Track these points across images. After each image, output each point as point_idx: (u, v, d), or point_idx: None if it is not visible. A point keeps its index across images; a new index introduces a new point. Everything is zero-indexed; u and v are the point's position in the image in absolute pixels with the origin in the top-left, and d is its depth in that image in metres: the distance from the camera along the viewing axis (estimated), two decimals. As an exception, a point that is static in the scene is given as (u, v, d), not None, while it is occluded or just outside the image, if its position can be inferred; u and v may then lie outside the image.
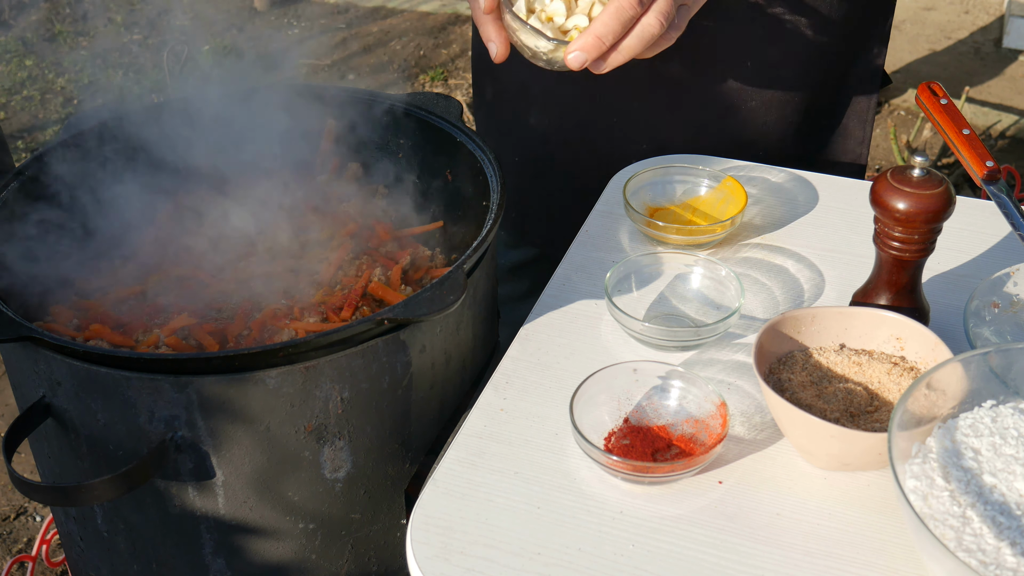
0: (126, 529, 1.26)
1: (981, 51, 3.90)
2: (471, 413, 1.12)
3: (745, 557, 0.96)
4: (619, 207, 1.42)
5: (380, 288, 1.34)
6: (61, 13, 4.15)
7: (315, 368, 1.14)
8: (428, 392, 1.25)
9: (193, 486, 1.18)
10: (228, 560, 1.24)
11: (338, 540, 1.26)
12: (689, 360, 1.19)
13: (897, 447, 0.92)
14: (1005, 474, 0.91)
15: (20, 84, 3.77)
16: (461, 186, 1.43)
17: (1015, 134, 3.50)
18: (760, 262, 1.33)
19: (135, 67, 3.79)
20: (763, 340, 1.07)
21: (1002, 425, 0.96)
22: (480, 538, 0.98)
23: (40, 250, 1.37)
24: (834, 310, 1.11)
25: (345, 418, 1.19)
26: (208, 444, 1.15)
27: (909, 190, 1.05)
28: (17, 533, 2.23)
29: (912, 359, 1.08)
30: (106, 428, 1.17)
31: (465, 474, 1.05)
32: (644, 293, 1.27)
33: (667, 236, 1.33)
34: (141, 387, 1.12)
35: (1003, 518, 0.88)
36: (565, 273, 1.32)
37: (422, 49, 4.00)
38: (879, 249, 1.10)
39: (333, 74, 3.75)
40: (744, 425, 1.10)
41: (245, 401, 1.13)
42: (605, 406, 1.09)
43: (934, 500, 0.90)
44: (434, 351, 1.24)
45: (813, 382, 1.06)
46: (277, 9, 4.23)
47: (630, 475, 1.02)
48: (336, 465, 1.21)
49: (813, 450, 1.02)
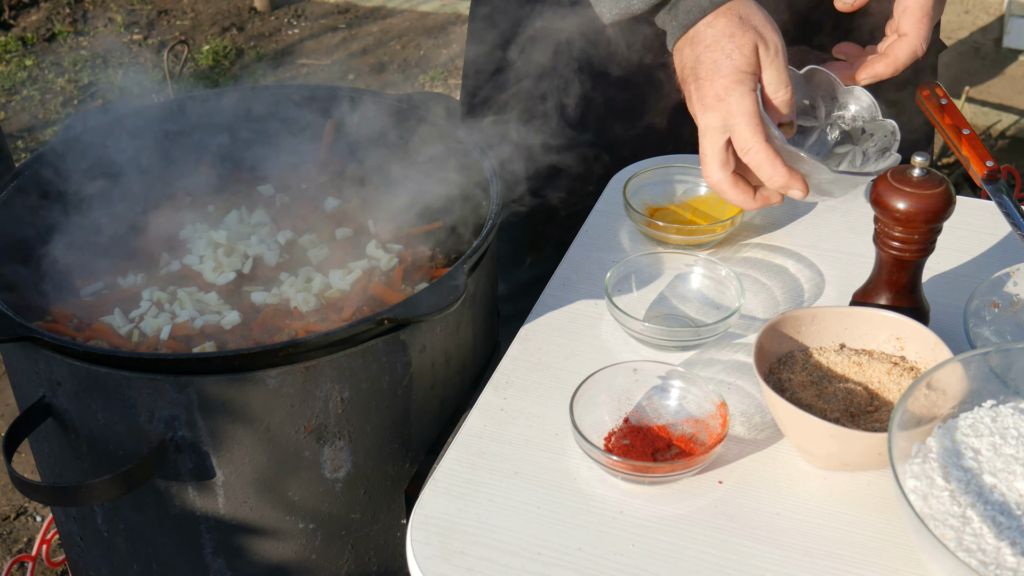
0: (126, 529, 1.26)
1: (981, 51, 3.90)
2: (471, 413, 1.12)
3: (745, 557, 0.96)
4: (619, 207, 1.42)
5: (380, 288, 1.34)
6: (61, 13, 4.15)
7: (315, 368, 1.14)
8: (428, 392, 1.25)
9: (193, 486, 1.18)
10: (228, 560, 1.24)
11: (338, 540, 1.26)
12: (689, 360, 1.19)
13: (897, 447, 0.92)
14: (1005, 474, 0.91)
15: (20, 84, 3.76)
16: (461, 186, 1.43)
17: (1015, 134, 3.50)
18: (760, 262, 1.33)
19: (135, 67, 3.79)
20: (763, 340, 1.07)
21: (1002, 425, 0.96)
22: (480, 538, 0.98)
23: (40, 250, 1.37)
24: (834, 310, 1.11)
25: (345, 418, 1.19)
26: (208, 444, 1.15)
27: (909, 190, 1.05)
28: (17, 533, 2.23)
29: (912, 359, 1.08)
30: (106, 428, 1.17)
31: (465, 474, 1.05)
32: (644, 293, 1.27)
33: (667, 236, 1.33)
34: (141, 387, 1.12)
35: (1003, 518, 0.88)
36: (565, 273, 1.32)
37: (422, 49, 4.00)
38: (879, 249, 1.10)
39: (333, 74, 3.74)
40: (744, 425, 1.10)
41: (245, 401, 1.13)
42: (605, 406, 1.09)
43: (934, 500, 0.90)
44: (434, 351, 1.24)
45: (813, 382, 1.06)
46: (277, 9, 4.23)
47: (630, 475, 1.02)
48: (336, 465, 1.21)
49: (813, 450, 1.02)
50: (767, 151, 1.17)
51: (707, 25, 1.18)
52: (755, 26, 1.18)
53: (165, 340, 1.28)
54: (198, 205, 1.51)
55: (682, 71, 1.22)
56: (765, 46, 1.18)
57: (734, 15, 1.18)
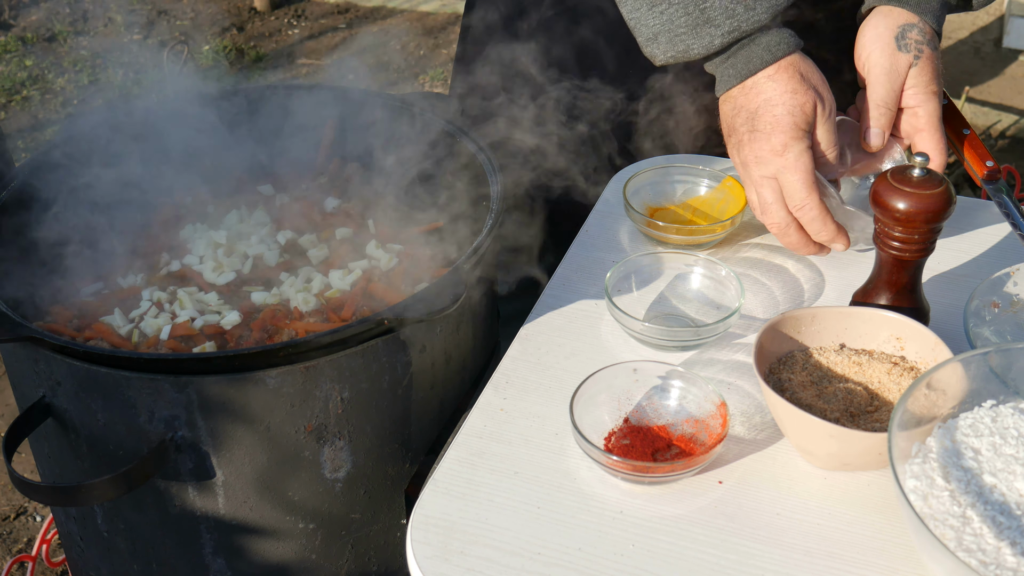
0: (126, 529, 1.26)
1: (981, 51, 3.90)
2: (471, 413, 1.12)
3: (745, 557, 0.96)
4: (619, 207, 1.42)
5: (380, 288, 1.34)
6: (61, 13, 4.15)
7: (315, 368, 1.14)
8: (428, 392, 1.25)
9: (193, 486, 1.18)
10: (228, 560, 1.24)
11: (338, 540, 1.26)
12: (689, 360, 1.19)
13: (897, 447, 0.92)
14: (1005, 474, 0.91)
15: (20, 84, 3.76)
16: (461, 186, 1.43)
17: (1015, 134, 3.50)
18: (760, 262, 1.33)
19: (135, 67, 3.79)
20: (763, 340, 1.07)
21: (1002, 425, 0.96)
22: (480, 538, 0.98)
23: (40, 250, 1.37)
24: (834, 310, 1.11)
25: (345, 418, 1.19)
26: (208, 444, 1.15)
27: (909, 190, 1.05)
28: (17, 533, 2.23)
29: (912, 359, 1.08)
30: (106, 428, 1.17)
31: (465, 474, 1.05)
32: (644, 293, 1.27)
33: (667, 236, 1.33)
34: (141, 387, 1.12)
35: (1003, 518, 0.88)
36: (565, 273, 1.32)
37: (422, 49, 4.00)
38: (879, 249, 1.10)
39: (333, 74, 3.74)
40: (744, 425, 1.10)
41: (245, 401, 1.13)
42: (605, 406, 1.09)
43: (934, 500, 0.90)
44: (434, 351, 1.24)
45: (813, 382, 1.06)
46: (277, 9, 4.23)
47: (630, 475, 1.02)
48: (336, 465, 1.21)
49: (813, 450, 1.02)
50: (820, 208, 1.20)
51: (768, 78, 1.19)
52: (814, 85, 1.20)
53: (165, 340, 1.28)
54: (198, 205, 1.51)
55: (733, 119, 1.23)
56: (822, 106, 1.20)
57: (795, 71, 1.19)
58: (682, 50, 1.21)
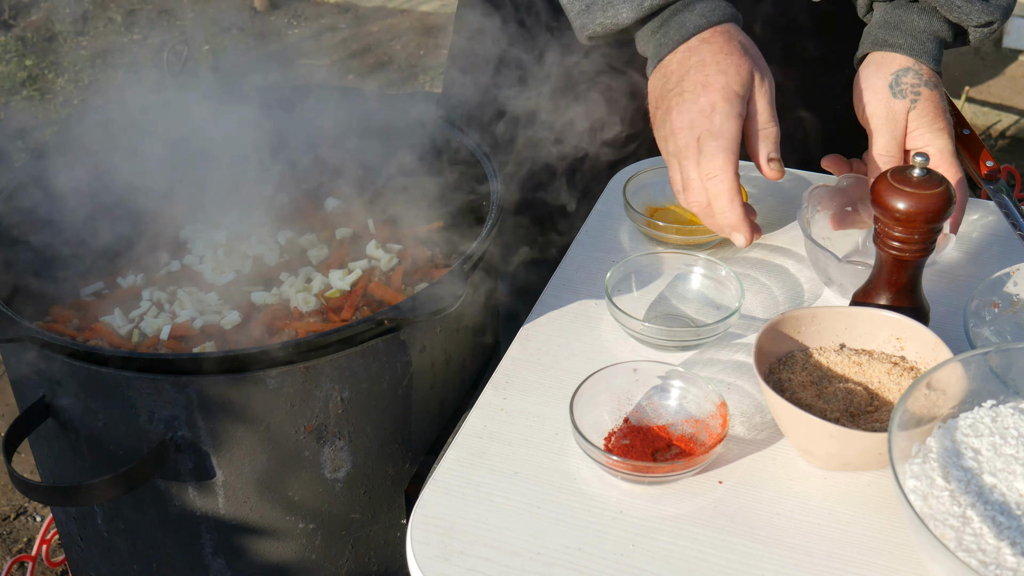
0: (126, 529, 1.26)
1: (981, 51, 3.90)
2: (471, 413, 1.12)
3: (745, 557, 0.96)
4: (619, 207, 1.42)
5: (380, 288, 1.34)
6: (61, 13, 4.15)
7: (315, 368, 1.14)
8: (428, 392, 1.25)
9: (193, 486, 1.18)
10: (228, 560, 1.24)
11: (338, 540, 1.26)
12: (689, 360, 1.19)
13: (897, 447, 0.92)
14: (1005, 474, 0.91)
15: (20, 84, 3.76)
16: (461, 186, 1.43)
17: (1015, 134, 3.50)
18: (760, 262, 1.33)
19: (135, 67, 3.79)
20: (763, 340, 1.07)
21: (1002, 425, 0.96)
22: (480, 538, 0.98)
23: (40, 250, 1.37)
24: (834, 310, 1.11)
25: (345, 418, 1.19)
26: (208, 444, 1.15)
27: (909, 190, 1.05)
28: (17, 533, 2.23)
29: (912, 359, 1.08)
30: (106, 428, 1.17)
31: (465, 474, 1.05)
32: (644, 293, 1.27)
33: (667, 236, 1.33)
34: (141, 387, 1.12)
35: (1003, 518, 0.88)
36: (565, 273, 1.32)
37: (422, 49, 4.00)
38: (879, 249, 1.10)
39: (333, 74, 3.74)
40: (744, 425, 1.10)
41: (245, 401, 1.13)
42: (605, 406, 1.09)
43: (934, 500, 0.90)
44: (434, 351, 1.24)
45: (813, 382, 1.06)
46: (277, 9, 4.23)
47: (630, 475, 1.02)
48: (336, 465, 1.21)
49: (813, 450, 1.02)
50: (731, 185, 1.11)
51: (702, 41, 1.12)
52: (752, 55, 1.13)
53: (165, 340, 1.28)
54: (198, 205, 1.51)
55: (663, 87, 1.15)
56: (761, 75, 1.12)
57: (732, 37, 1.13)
58: (610, 17, 1.14)
